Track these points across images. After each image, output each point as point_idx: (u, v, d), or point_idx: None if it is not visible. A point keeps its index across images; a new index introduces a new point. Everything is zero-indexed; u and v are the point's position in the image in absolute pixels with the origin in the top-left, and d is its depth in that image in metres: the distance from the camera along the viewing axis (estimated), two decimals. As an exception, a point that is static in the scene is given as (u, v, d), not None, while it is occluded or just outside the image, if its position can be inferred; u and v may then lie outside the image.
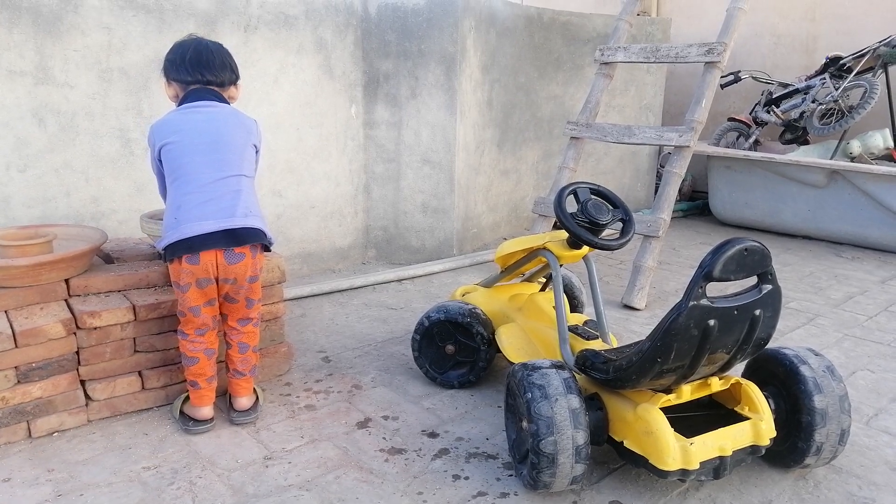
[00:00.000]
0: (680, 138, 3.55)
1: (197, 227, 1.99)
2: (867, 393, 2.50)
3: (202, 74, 2.10)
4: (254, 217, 2.10)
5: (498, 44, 4.34)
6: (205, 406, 2.20)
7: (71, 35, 2.83)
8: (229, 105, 2.16)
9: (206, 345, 2.17)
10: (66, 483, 1.90)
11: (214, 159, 2.05)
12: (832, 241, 4.82)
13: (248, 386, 2.26)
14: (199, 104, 2.09)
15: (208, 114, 2.09)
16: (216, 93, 2.14)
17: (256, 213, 2.12)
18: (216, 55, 2.13)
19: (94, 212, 3.01)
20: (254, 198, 2.15)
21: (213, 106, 2.10)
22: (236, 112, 2.15)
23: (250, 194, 2.13)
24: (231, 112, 2.14)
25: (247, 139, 2.13)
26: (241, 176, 2.09)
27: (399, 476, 1.95)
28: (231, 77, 2.18)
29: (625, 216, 2.23)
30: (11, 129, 2.75)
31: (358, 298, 3.52)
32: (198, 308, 2.11)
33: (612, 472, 1.98)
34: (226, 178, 2.05)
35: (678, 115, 5.77)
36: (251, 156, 2.16)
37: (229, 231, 2.03)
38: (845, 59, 5.09)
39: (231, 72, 2.17)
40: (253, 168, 2.18)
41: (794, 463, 1.92)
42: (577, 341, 2.14)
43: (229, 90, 2.19)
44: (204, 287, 2.08)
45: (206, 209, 2.01)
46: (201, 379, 2.17)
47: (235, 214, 2.05)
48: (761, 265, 1.63)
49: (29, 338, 2.04)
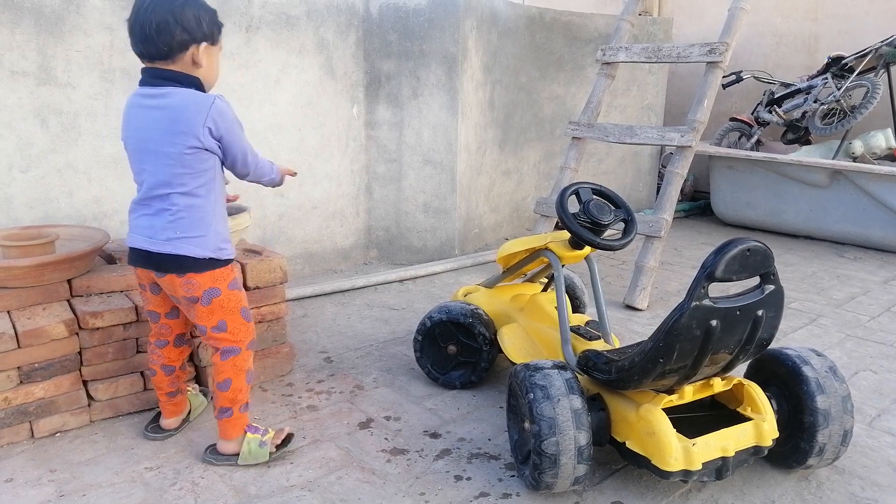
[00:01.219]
0: (682, 138, 3.55)
1: (130, 238, 1.86)
2: (870, 393, 2.50)
3: (139, 47, 1.70)
4: (177, 241, 1.78)
5: (499, 44, 4.34)
6: (166, 417, 2.14)
7: (73, 35, 2.83)
8: (178, 89, 1.71)
9: (164, 360, 2.03)
10: (69, 483, 1.90)
11: (144, 169, 1.77)
12: (834, 242, 4.81)
13: (226, 429, 1.98)
14: (138, 91, 1.76)
15: (141, 107, 1.74)
16: (163, 71, 1.71)
17: (183, 235, 1.78)
18: (159, 14, 1.64)
19: (97, 212, 3.01)
20: (188, 215, 1.77)
21: (149, 96, 1.72)
22: (179, 104, 1.70)
23: (184, 212, 1.77)
24: (170, 105, 1.70)
25: (183, 142, 1.70)
26: (169, 194, 1.75)
27: (401, 477, 1.95)
28: (177, 41, 1.66)
29: (627, 216, 2.23)
30: (14, 129, 2.76)
31: (360, 299, 3.52)
32: (154, 314, 1.99)
33: (614, 472, 1.97)
34: (154, 194, 1.76)
35: (680, 115, 5.76)
36: (193, 162, 1.73)
37: (150, 254, 1.81)
38: (847, 59, 5.08)
39: (170, 36, 1.65)
40: (189, 176, 1.74)
41: (796, 464, 1.92)
42: (579, 342, 2.14)
43: (182, 59, 1.70)
44: (157, 293, 1.94)
45: (137, 222, 1.83)
46: (159, 392, 2.09)
47: (155, 237, 1.79)
48: (763, 265, 1.63)
49: (31, 338, 2.05)
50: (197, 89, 1.75)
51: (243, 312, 1.94)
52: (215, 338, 1.91)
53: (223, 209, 1.88)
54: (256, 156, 1.89)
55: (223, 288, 1.87)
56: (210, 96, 1.74)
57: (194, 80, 1.75)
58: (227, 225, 1.91)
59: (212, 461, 2.00)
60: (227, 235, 1.89)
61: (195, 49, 1.70)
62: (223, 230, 1.87)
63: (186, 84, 1.73)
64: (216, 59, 1.79)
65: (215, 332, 1.90)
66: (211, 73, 1.79)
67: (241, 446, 1.98)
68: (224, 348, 1.91)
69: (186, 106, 1.71)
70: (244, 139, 1.82)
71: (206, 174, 1.78)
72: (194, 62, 1.72)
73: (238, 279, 1.94)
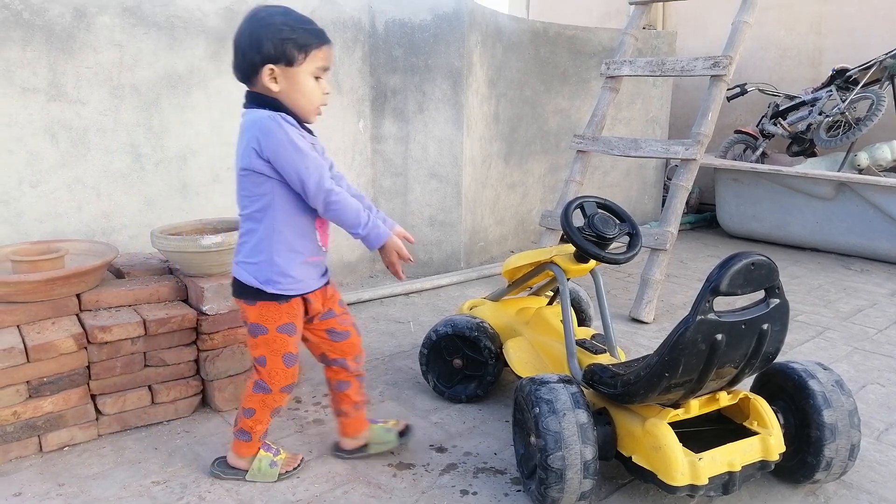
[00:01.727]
0: (686, 151, 3.56)
1: None
2: (877, 407, 2.48)
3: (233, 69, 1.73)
4: (238, 266, 1.81)
5: (504, 58, 4.37)
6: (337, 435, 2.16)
7: (83, 52, 2.87)
8: (251, 110, 1.72)
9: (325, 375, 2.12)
10: (77, 498, 1.91)
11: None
12: (841, 254, 4.80)
13: (240, 449, 1.98)
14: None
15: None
16: (248, 92, 1.75)
17: (242, 260, 1.80)
18: (239, 38, 1.68)
19: (105, 227, 3.04)
20: (247, 241, 1.78)
21: (242, 116, 1.75)
22: (244, 124, 1.72)
23: (244, 238, 1.80)
24: (241, 127, 1.73)
25: (238, 163, 1.72)
26: (240, 216, 1.80)
27: (407, 491, 1.95)
28: (248, 63, 1.67)
29: (632, 230, 2.24)
30: (24, 144, 2.79)
31: (366, 312, 3.53)
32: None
33: (620, 487, 1.97)
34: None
35: (685, 128, 5.77)
36: (248, 185, 1.73)
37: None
38: (851, 72, 5.09)
39: (243, 57, 1.67)
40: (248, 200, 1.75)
41: (803, 478, 1.91)
42: (584, 355, 2.14)
43: (258, 80, 1.68)
44: None
45: None
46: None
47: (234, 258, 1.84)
48: (768, 279, 1.63)
49: (41, 352, 2.06)
50: (275, 110, 1.69)
51: (286, 358, 1.85)
52: (255, 368, 1.89)
53: (293, 240, 1.76)
54: (331, 192, 1.68)
55: (271, 329, 1.81)
56: (262, 114, 1.67)
57: (270, 101, 1.70)
58: (295, 259, 1.77)
59: (219, 474, 2.00)
60: (290, 270, 1.76)
61: (267, 70, 1.66)
62: (283, 263, 1.75)
63: (262, 104, 1.70)
64: (300, 81, 1.69)
65: (256, 363, 1.88)
66: (295, 95, 1.70)
67: (251, 463, 1.98)
68: (258, 381, 1.88)
69: (245, 126, 1.71)
70: (305, 164, 1.66)
71: (264, 199, 1.71)
72: (268, 83, 1.68)
73: (293, 326, 1.83)
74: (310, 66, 1.69)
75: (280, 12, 1.68)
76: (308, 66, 1.68)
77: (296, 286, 1.79)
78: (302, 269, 1.79)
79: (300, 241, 1.77)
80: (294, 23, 1.67)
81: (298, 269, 1.78)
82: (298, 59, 1.67)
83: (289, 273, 1.77)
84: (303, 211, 1.75)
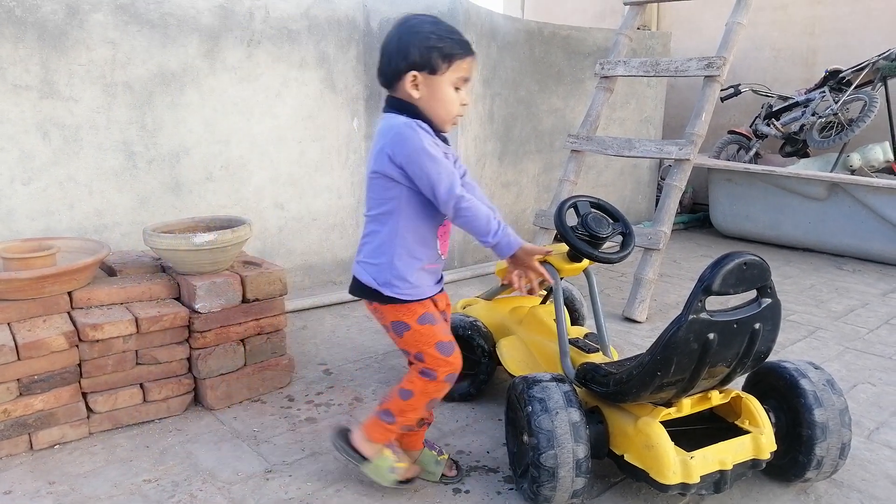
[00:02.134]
0: (680, 151, 3.56)
1: None
2: (868, 406, 2.50)
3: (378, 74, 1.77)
4: (359, 265, 1.83)
5: (499, 58, 4.38)
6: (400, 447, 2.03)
7: (76, 50, 2.86)
8: (389, 114, 1.74)
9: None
10: (67, 496, 1.90)
11: None
12: (833, 254, 4.83)
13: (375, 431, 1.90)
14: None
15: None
16: (388, 97, 1.76)
17: (364, 260, 1.82)
18: (387, 43, 1.72)
19: (98, 224, 3.02)
20: (370, 241, 1.80)
21: (381, 120, 1.76)
22: (380, 128, 1.73)
23: (367, 238, 1.81)
24: (377, 130, 1.74)
25: (371, 165, 1.74)
26: (366, 215, 1.81)
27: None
28: (392, 69, 1.70)
29: (625, 229, 2.24)
30: (16, 142, 2.78)
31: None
32: None
33: (612, 485, 1.97)
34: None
35: (678, 128, 5.79)
36: (377, 188, 1.74)
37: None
38: (845, 73, 5.12)
39: (388, 62, 1.70)
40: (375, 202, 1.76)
41: (794, 477, 1.92)
42: (577, 354, 2.15)
43: (400, 86, 1.71)
44: None
45: None
46: None
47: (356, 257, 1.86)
48: (761, 279, 1.64)
49: (31, 350, 2.05)
50: (412, 117, 1.70)
51: (439, 347, 1.81)
52: (416, 363, 1.85)
53: (413, 246, 1.77)
54: (462, 198, 1.68)
55: (412, 323, 1.80)
56: (399, 120, 1.69)
57: (409, 107, 1.71)
58: (414, 265, 1.78)
59: (339, 447, 1.91)
60: (408, 276, 1.77)
61: (410, 77, 1.68)
62: (402, 268, 1.76)
63: (400, 110, 1.72)
64: (441, 90, 1.70)
65: (416, 359, 1.85)
66: (434, 103, 1.71)
67: (375, 456, 1.89)
68: (424, 368, 1.83)
69: (381, 131, 1.72)
70: (437, 170, 1.65)
71: (390, 203, 1.73)
72: (409, 90, 1.69)
73: (430, 315, 1.83)
74: (452, 75, 1.70)
75: (430, 21, 1.71)
76: (450, 76, 1.70)
77: (412, 291, 1.80)
78: (419, 276, 1.80)
79: (420, 247, 1.79)
80: (442, 32, 1.69)
81: (416, 274, 1.79)
82: (442, 69, 1.68)
83: (406, 278, 1.78)
84: (427, 218, 1.77)
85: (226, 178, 3.38)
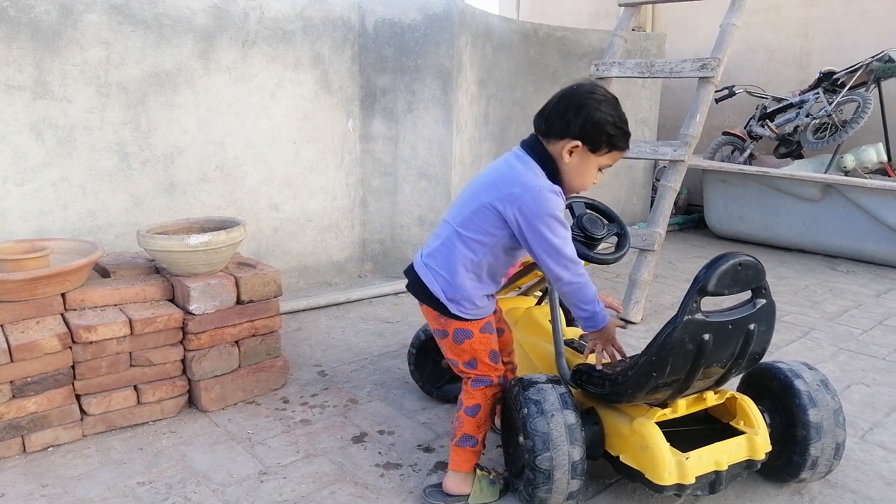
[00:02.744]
0: (674, 153, 3.57)
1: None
2: (862, 407, 2.50)
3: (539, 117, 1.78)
4: (428, 269, 1.84)
5: (494, 59, 4.38)
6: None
7: (70, 50, 2.85)
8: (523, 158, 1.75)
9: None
10: (61, 498, 1.89)
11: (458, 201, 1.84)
12: (827, 255, 4.84)
13: (461, 461, 1.90)
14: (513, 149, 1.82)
15: (503, 157, 1.80)
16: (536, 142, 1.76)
17: (435, 267, 1.82)
18: (571, 100, 1.72)
19: (91, 225, 3.01)
20: (447, 253, 1.80)
21: (512, 153, 1.79)
22: (514, 168, 1.74)
23: (446, 247, 1.81)
24: (507, 164, 1.76)
25: (487, 195, 1.73)
26: (450, 224, 1.81)
27: (394, 491, 1.95)
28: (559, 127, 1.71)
29: (620, 230, 2.24)
30: (9, 143, 2.76)
31: (354, 312, 3.52)
32: None
33: (607, 486, 1.97)
34: (443, 220, 1.86)
35: (673, 129, 5.80)
36: (482, 213, 1.74)
37: (409, 270, 1.91)
38: (838, 74, 5.13)
39: (562, 117, 1.70)
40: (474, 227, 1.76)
41: (789, 477, 1.92)
42: (573, 355, 2.14)
43: (555, 145, 1.72)
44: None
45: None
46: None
47: (420, 256, 1.89)
48: (755, 280, 1.64)
49: (24, 352, 2.04)
50: (550, 172, 1.73)
51: (492, 355, 1.90)
52: (466, 372, 1.91)
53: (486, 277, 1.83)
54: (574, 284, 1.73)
55: (475, 332, 1.86)
56: (542, 182, 1.70)
57: (551, 164, 1.74)
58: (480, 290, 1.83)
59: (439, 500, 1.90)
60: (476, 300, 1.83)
61: (573, 144, 1.70)
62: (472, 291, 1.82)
63: (541, 161, 1.74)
64: (589, 166, 1.74)
65: (466, 367, 1.90)
66: (576, 174, 1.75)
67: (472, 485, 1.90)
68: (476, 377, 1.90)
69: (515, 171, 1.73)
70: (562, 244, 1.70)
71: (489, 238, 1.76)
72: (565, 153, 1.72)
73: (490, 324, 1.90)
74: (604, 160, 1.76)
75: (613, 104, 1.74)
76: (602, 160, 1.76)
77: (476, 312, 1.86)
78: (484, 300, 1.87)
79: (491, 280, 1.86)
80: (619, 122, 1.74)
81: (482, 299, 1.86)
82: (601, 151, 1.74)
83: (475, 301, 1.84)
84: (507, 261, 1.85)
85: (220, 178, 3.37)
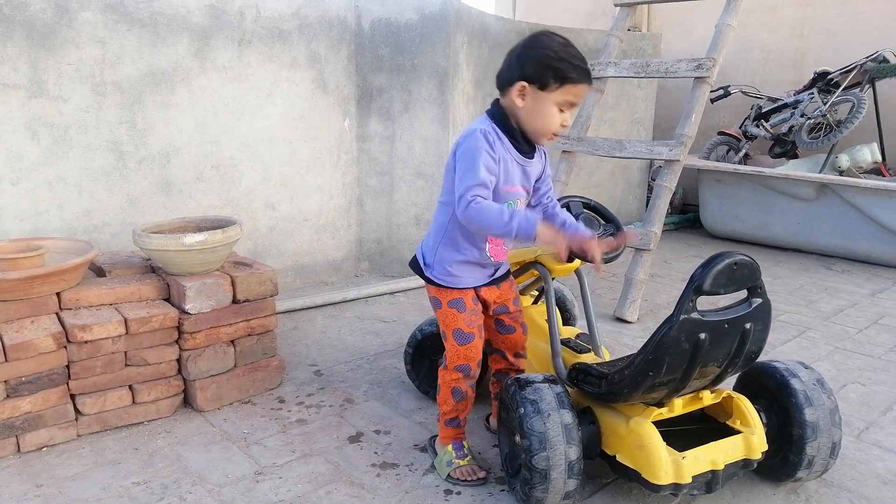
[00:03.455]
0: (670, 152, 3.58)
1: None
2: (858, 406, 2.51)
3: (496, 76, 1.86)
4: (422, 241, 2.01)
5: (490, 58, 4.38)
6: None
7: (65, 49, 2.84)
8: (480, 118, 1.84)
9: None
10: (55, 499, 1.88)
11: None
12: (822, 254, 4.86)
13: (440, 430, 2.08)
14: None
15: None
16: (495, 102, 1.85)
17: (426, 239, 1.98)
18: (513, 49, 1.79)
19: (87, 225, 3.00)
20: (433, 224, 1.95)
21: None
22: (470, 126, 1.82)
23: (434, 220, 1.95)
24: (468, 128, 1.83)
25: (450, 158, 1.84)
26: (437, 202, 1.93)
27: (391, 491, 1.95)
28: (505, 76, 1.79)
29: (616, 230, 2.24)
30: (4, 141, 2.75)
31: (351, 311, 3.51)
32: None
33: (604, 486, 1.97)
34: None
35: (669, 129, 5.81)
36: (447, 176, 1.85)
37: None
38: (833, 75, 5.15)
39: (507, 67, 1.78)
40: (445, 190, 1.87)
41: (785, 476, 1.93)
42: (569, 354, 2.15)
43: (507, 93, 1.79)
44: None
45: None
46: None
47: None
48: (751, 279, 1.64)
49: (19, 352, 2.03)
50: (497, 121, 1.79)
51: (456, 334, 1.93)
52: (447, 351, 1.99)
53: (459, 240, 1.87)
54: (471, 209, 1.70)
55: (443, 303, 1.94)
56: (477, 126, 1.77)
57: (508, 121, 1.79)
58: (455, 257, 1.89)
59: (427, 445, 2.16)
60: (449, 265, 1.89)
61: (519, 86, 1.74)
62: (446, 256, 1.89)
63: (498, 115, 1.80)
64: (544, 106, 1.75)
65: (444, 341, 1.99)
66: (534, 116, 1.76)
67: (440, 451, 2.05)
68: (442, 357, 2.01)
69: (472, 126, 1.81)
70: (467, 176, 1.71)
71: (451, 196, 1.80)
72: (515, 98, 1.75)
73: (461, 302, 1.92)
74: (559, 96, 1.74)
75: (558, 41, 1.74)
76: (557, 96, 1.74)
77: (449, 279, 1.91)
78: (461, 268, 1.90)
79: (466, 243, 1.88)
80: (563, 54, 1.72)
81: (457, 266, 1.90)
82: (551, 87, 1.73)
83: (446, 266, 1.90)
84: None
85: (216, 178, 3.36)
